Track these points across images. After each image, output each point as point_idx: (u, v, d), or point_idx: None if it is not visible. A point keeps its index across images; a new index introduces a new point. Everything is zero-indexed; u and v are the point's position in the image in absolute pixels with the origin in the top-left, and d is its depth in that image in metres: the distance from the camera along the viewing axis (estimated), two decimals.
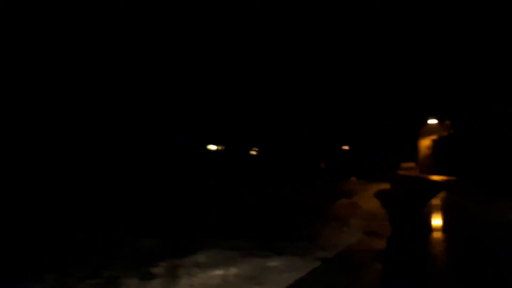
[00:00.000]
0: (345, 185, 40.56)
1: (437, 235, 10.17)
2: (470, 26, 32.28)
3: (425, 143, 44.88)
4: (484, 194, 18.39)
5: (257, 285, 9.12)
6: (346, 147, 71.09)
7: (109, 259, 15.52)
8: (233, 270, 11.19)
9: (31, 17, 32.06)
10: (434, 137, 42.43)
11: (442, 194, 19.04)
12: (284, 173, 51.26)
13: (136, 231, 20.23)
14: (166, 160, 42.46)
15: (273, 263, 11.36)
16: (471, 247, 8.58)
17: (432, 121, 43.60)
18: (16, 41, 30.69)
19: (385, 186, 34.72)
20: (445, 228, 11.35)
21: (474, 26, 31.70)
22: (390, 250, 9.34)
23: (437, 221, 12.51)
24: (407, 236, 10.55)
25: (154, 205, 29.56)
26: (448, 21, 36.08)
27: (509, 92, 26.88)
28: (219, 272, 11.62)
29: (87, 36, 35.66)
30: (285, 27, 51.66)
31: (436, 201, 16.60)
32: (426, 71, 42.79)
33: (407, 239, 9.97)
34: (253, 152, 67.94)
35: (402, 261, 7.58)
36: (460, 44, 34.50)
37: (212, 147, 59.79)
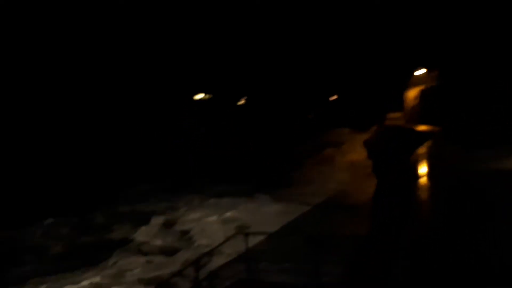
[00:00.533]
0: (332, 135, 41.00)
1: (423, 181, 10.52)
2: None
3: (413, 93, 44.93)
4: (467, 144, 18.80)
5: (253, 227, 9.44)
6: (334, 97, 70.93)
7: (108, 203, 15.84)
8: (227, 214, 11.57)
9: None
10: (422, 87, 42.42)
11: (428, 144, 19.38)
12: (272, 123, 51.38)
13: (135, 178, 20.59)
14: (155, 112, 42.14)
15: (267, 207, 11.72)
16: (455, 193, 8.93)
17: (421, 71, 43.40)
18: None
19: (372, 136, 35.14)
20: (430, 175, 11.70)
21: None
22: (378, 195, 9.65)
23: (423, 169, 12.87)
24: (394, 182, 10.86)
25: (150, 153, 29.85)
26: None
27: (496, 44, 26.72)
28: (213, 216, 12.00)
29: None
30: None
31: (422, 150, 16.95)
32: (416, 21, 41.97)
33: (395, 185, 10.27)
34: (242, 102, 67.43)
35: (390, 203, 7.86)
36: None
37: (199, 96, 59.00)
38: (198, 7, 45.90)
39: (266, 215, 10.60)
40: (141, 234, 10.91)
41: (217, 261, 7.52)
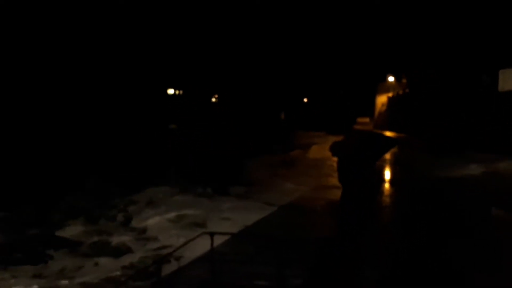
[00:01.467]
0: (302, 136, 41.22)
1: (387, 186, 10.59)
2: None
3: (382, 99, 45.86)
4: (432, 152, 19.25)
5: (214, 226, 9.16)
6: (305, 100, 71.54)
7: (68, 196, 15.13)
8: (187, 212, 11.25)
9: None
10: (390, 94, 43.33)
11: (394, 150, 19.75)
12: (243, 122, 51.16)
13: (96, 170, 19.97)
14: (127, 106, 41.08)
15: (227, 206, 11.48)
16: (419, 199, 8.99)
17: (390, 78, 44.30)
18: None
19: (339, 140, 35.47)
20: (395, 181, 11.82)
21: None
22: (342, 198, 9.55)
23: (388, 174, 12.99)
24: (359, 187, 10.80)
25: (114, 144, 29.11)
26: None
27: (467, 56, 27.50)
28: (172, 214, 11.63)
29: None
30: None
31: (388, 156, 17.20)
32: (387, 29, 42.88)
33: (359, 190, 10.20)
34: (213, 99, 67.00)
35: (355, 208, 7.78)
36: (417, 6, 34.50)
37: (171, 91, 58.12)
38: (174, 7, 45.11)
39: (225, 214, 10.39)
40: (93, 231, 10.40)
41: (176, 263, 7.16)
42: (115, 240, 9.41)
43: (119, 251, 8.83)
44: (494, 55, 24.16)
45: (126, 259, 8.02)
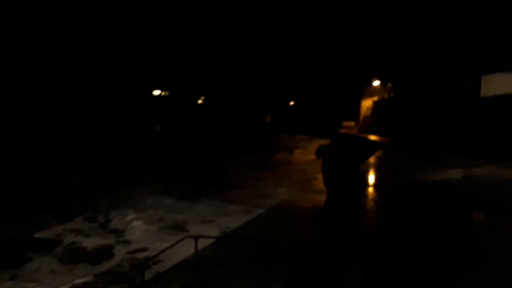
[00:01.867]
0: (288, 140, 41.28)
1: (371, 190, 10.64)
2: None
3: (367, 103, 46.28)
4: (416, 156, 19.47)
5: (197, 229, 9.08)
6: (291, 103, 71.73)
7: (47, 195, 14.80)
8: (170, 215, 11.10)
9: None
10: (375, 98, 43.74)
11: (378, 153, 19.92)
12: (229, 124, 51.07)
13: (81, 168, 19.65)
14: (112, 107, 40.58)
15: (218, 207, 11.40)
16: (402, 202, 9.04)
17: (375, 83, 44.74)
18: None
19: (326, 142, 35.65)
20: (379, 184, 11.88)
21: None
22: (327, 201, 9.55)
23: (372, 177, 13.07)
24: (343, 190, 10.82)
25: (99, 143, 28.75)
26: None
27: (451, 61, 27.92)
28: (154, 217, 11.46)
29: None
30: None
31: (372, 160, 17.33)
32: (372, 33, 43.29)
33: (345, 193, 10.22)
34: (200, 101, 66.72)
35: (340, 211, 7.78)
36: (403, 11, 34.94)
37: (156, 92, 57.65)
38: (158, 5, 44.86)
39: (209, 217, 10.30)
40: (73, 232, 10.18)
41: (159, 267, 7.02)
42: (94, 242, 9.18)
43: (98, 253, 8.64)
44: (477, 61, 24.58)
45: (105, 263, 7.85)
